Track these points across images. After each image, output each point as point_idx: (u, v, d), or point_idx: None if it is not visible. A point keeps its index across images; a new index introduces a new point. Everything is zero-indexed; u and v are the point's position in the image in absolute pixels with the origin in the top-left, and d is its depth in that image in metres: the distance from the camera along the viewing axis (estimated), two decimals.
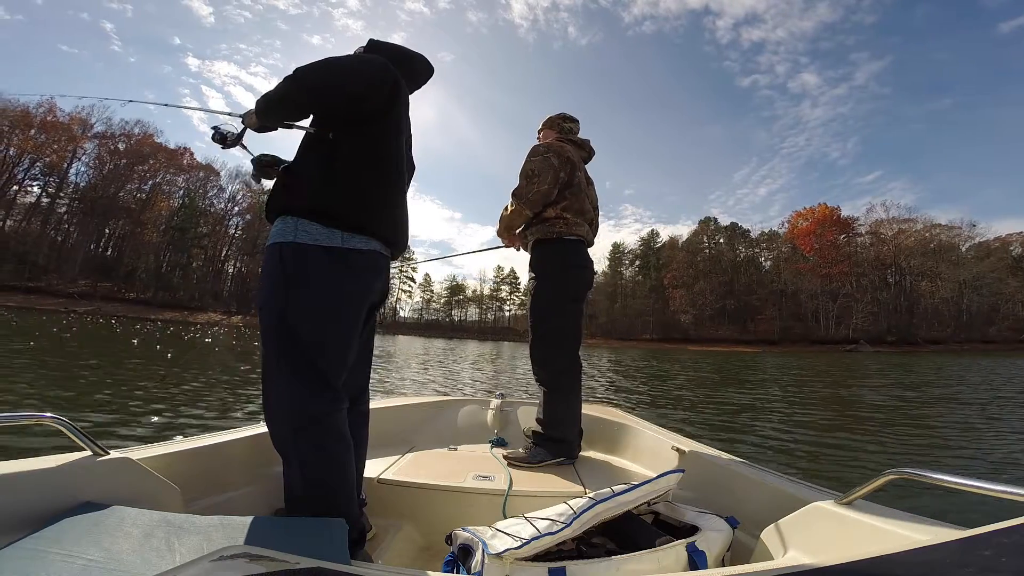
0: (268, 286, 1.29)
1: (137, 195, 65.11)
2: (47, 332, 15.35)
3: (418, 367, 13.46)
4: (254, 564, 0.53)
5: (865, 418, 6.73)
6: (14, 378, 6.16)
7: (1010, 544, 0.46)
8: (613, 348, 48.43)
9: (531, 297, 2.26)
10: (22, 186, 58.26)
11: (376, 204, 1.37)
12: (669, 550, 1.03)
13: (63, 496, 1.01)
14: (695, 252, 76.82)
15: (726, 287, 70.72)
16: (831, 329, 63.35)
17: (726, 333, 65.78)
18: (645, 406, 7.51)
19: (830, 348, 54.37)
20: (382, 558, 1.37)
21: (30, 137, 57.75)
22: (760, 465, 1.51)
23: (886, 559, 0.47)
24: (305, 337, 1.25)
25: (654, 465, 1.94)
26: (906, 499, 2.88)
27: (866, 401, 8.68)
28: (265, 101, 1.34)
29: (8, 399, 4.97)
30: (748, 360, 27.33)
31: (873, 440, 5.18)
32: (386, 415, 2.34)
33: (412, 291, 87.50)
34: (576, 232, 2.22)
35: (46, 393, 5.51)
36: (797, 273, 67.92)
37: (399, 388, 8.66)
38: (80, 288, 51.37)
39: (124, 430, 4.13)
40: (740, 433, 5.52)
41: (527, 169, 2.22)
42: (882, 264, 66.73)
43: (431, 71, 1.70)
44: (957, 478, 0.79)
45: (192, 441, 1.46)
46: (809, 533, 1.03)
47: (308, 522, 1.10)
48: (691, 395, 9.26)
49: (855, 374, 16.22)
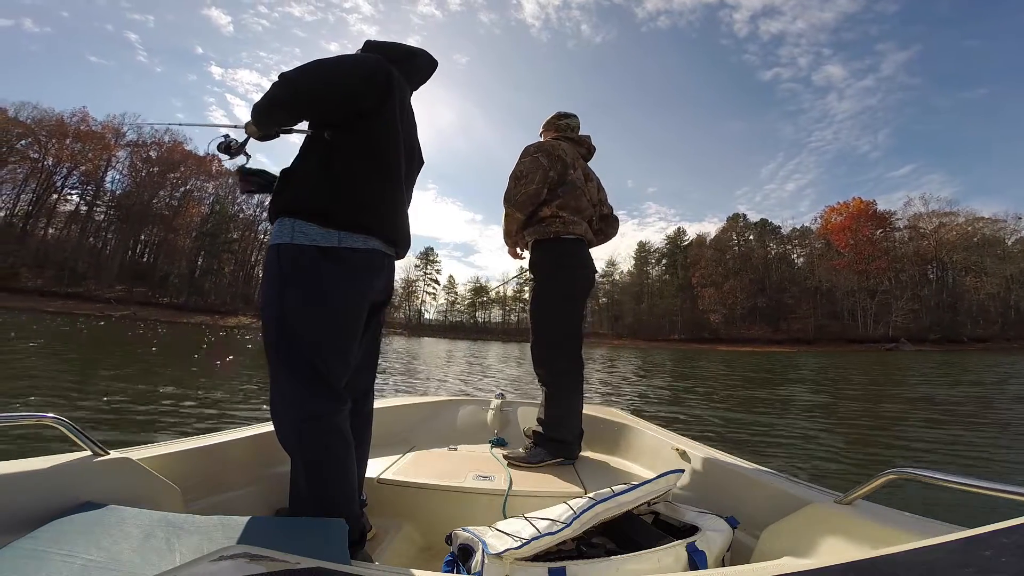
0: (267, 288, 1.30)
1: (169, 201, 66.43)
2: (76, 334, 15.99)
3: (443, 370, 13.52)
4: (254, 564, 0.53)
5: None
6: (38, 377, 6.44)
7: (1010, 544, 0.45)
8: (640, 349, 47.16)
9: (531, 297, 2.27)
10: (61, 194, 60.10)
11: (374, 202, 1.37)
12: (669, 550, 1.02)
13: (63, 496, 1.01)
14: (724, 250, 73.86)
15: (757, 285, 67.98)
16: (869, 327, 60.17)
17: (758, 333, 63.05)
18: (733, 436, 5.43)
19: (869, 347, 51.43)
20: (382, 558, 1.37)
21: (66, 146, 59.43)
22: (760, 465, 1.51)
23: (886, 559, 0.47)
24: (304, 337, 1.26)
25: (654, 465, 1.94)
26: (906, 499, 2.86)
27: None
28: (257, 109, 1.34)
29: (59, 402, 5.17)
30: (784, 359, 26.51)
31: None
32: (386, 415, 2.34)
33: (436, 293, 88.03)
34: (573, 231, 2.20)
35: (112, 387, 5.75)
36: (832, 270, 64.67)
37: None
38: (117, 293, 52.72)
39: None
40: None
41: (516, 171, 2.22)
42: (922, 259, 63.03)
43: (433, 64, 1.70)
44: (957, 478, 0.79)
45: (192, 441, 1.46)
46: (809, 533, 1.02)
47: (308, 522, 1.10)
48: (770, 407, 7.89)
49: (926, 375, 14.88)
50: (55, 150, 59.03)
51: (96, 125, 62.53)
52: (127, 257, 62.37)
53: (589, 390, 8.43)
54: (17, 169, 56.63)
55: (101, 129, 62.83)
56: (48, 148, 58.73)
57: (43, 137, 58.12)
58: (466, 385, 10.16)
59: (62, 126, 59.46)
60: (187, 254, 66.52)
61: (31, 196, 57.61)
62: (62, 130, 59.42)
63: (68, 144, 59.93)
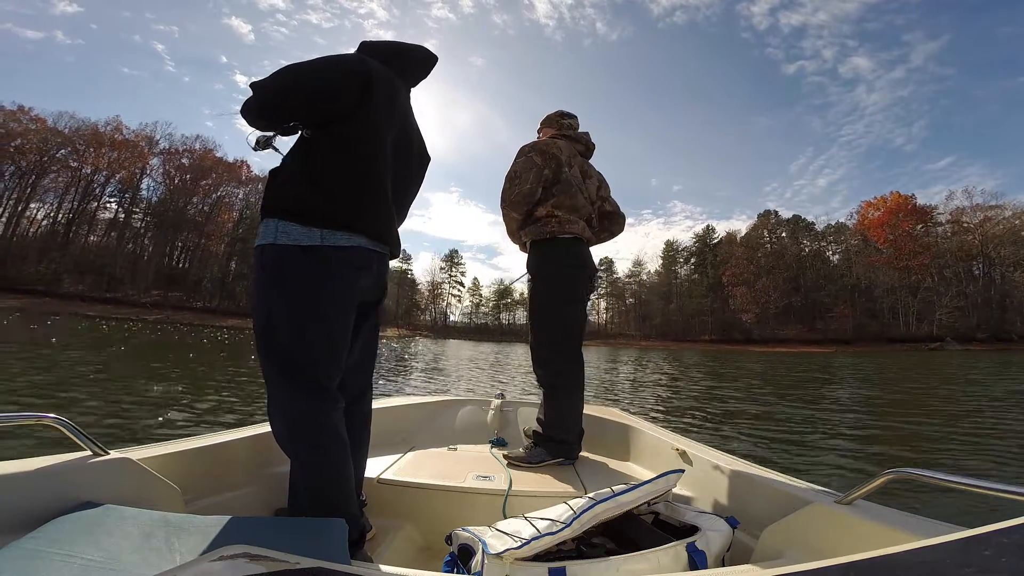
0: (254, 289, 1.32)
1: (201, 208, 67.84)
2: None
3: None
4: (254, 564, 0.53)
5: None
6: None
7: (1010, 544, 0.45)
8: (670, 350, 46.40)
9: (529, 298, 2.26)
10: (100, 202, 63.34)
11: (356, 200, 1.36)
12: (669, 550, 1.02)
13: (63, 496, 1.01)
14: (755, 247, 72.05)
15: (791, 283, 66.40)
16: (912, 326, 58.40)
17: (793, 333, 61.62)
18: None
19: (911, 347, 49.97)
20: (382, 558, 1.37)
21: (103, 154, 61.51)
22: (760, 465, 1.50)
23: (886, 559, 0.47)
24: (291, 337, 1.26)
25: (654, 465, 1.94)
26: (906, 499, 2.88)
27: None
28: (242, 115, 1.37)
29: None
30: (823, 360, 25.57)
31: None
32: (386, 415, 2.35)
33: (461, 296, 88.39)
34: (570, 230, 2.18)
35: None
36: (870, 267, 62.94)
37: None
38: (152, 298, 54.58)
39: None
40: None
41: (510, 172, 2.21)
42: (967, 255, 60.21)
43: (430, 59, 1.69)
44: (957, 478, 0.80)
45: (192, 441, 1.46)
46: (809, 533, 1.03)
47: (308, 522, 1.10)
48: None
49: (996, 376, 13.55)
50: (92, 158, 61.25)
51: (129, 133, 64.74)
52: (162, 262, 64.37)
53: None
54: (58, 177, 60.09)
55: (134, 137, 64.90)
56: (86, 156, 60.97)
57: (80, 146, 60.42)
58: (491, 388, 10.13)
59: (97, 135, 62.23)
60: (219, 259, 68.11)
61: (71, 204, 60.93)
62: (98, 139, 61.82)
63: (105, 152, 61.97)
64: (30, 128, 58.16)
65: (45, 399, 5.36)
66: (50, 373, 7.25)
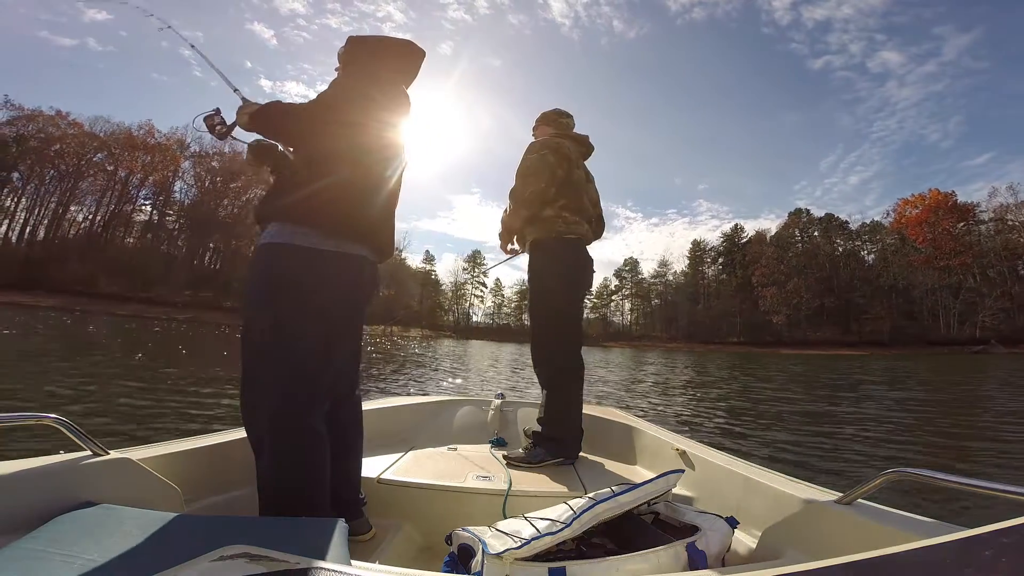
0: (247, 288, 1.34)
1: (231, 210, 68.53)
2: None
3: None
4: (254, 564, 0.53)
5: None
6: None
7: (1010, 544, 0.45)
8: (696, 353, 45.32)
9: (530, 298, 2.26)
10: (135, 205, 64.94)
11: (349, 207, 1.38)
12: (669, 550, 1.02)
13: (63, 496, 1.01)
14: (786, 247, 69.56)
15: (824, 284, 63.47)
16: (953, 328, 55.16)
17: (826, 335, 58.91)
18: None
19: (953, 350, 47.19)
20: (382, 558, 1.37)
21: (137, 158, 62.89)
22: (759, 465, 1.50)
23: (886, 559, 0.47)
24: (282, 336, 1.28)
25: (654, 465, 1.95)
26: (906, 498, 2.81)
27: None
28: (251, 121, 1.44)
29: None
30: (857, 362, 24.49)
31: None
32: (386, 415, 2.36)
33: (484, 296, 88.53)
34: (575, 231, 2.19)
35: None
36: (908, 266, 60.28)
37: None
38: (184, 298, 55.36)
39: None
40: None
41: (522, 168, 2.20)
42: (1012, 254, 56.94)
43: (418, 54, 1.70)
44: (957, 478, 0.80)
45: (192, 441, 1.47)
46: (808, 533, 1.03)
47: (308, 522, 1.10)
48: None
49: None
50: (127, 162, 62.77)
51: (160, 137, 66.01)
52: (193, 263, 65.75)
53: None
54: (95, 180, 62.14)
55: (166, 141, 66.10)
56: (121, 160, 62.54)
57: (116, 150, 62.00)
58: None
59: (131, 139, 63.35)
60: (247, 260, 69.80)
61: (107, 208, 63.04)
62: (132, 142, 63.47)
63: (138, 156, 63.38)
64: (68, 133, 59.88)
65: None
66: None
